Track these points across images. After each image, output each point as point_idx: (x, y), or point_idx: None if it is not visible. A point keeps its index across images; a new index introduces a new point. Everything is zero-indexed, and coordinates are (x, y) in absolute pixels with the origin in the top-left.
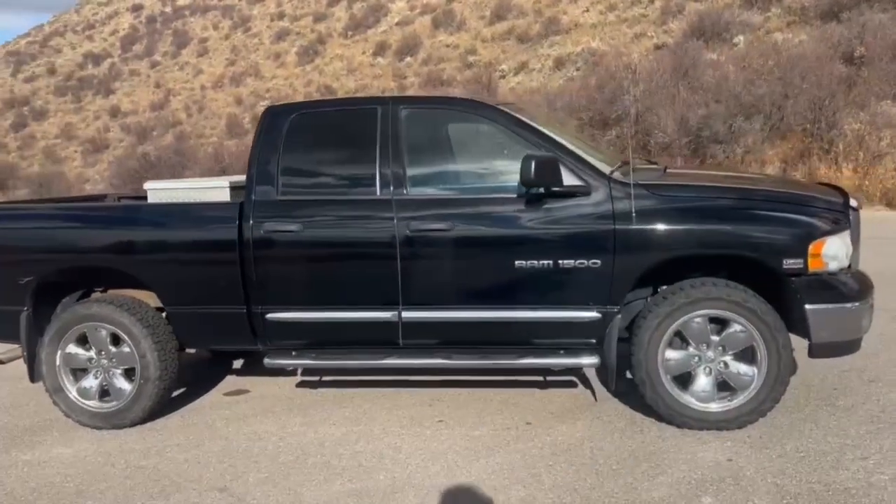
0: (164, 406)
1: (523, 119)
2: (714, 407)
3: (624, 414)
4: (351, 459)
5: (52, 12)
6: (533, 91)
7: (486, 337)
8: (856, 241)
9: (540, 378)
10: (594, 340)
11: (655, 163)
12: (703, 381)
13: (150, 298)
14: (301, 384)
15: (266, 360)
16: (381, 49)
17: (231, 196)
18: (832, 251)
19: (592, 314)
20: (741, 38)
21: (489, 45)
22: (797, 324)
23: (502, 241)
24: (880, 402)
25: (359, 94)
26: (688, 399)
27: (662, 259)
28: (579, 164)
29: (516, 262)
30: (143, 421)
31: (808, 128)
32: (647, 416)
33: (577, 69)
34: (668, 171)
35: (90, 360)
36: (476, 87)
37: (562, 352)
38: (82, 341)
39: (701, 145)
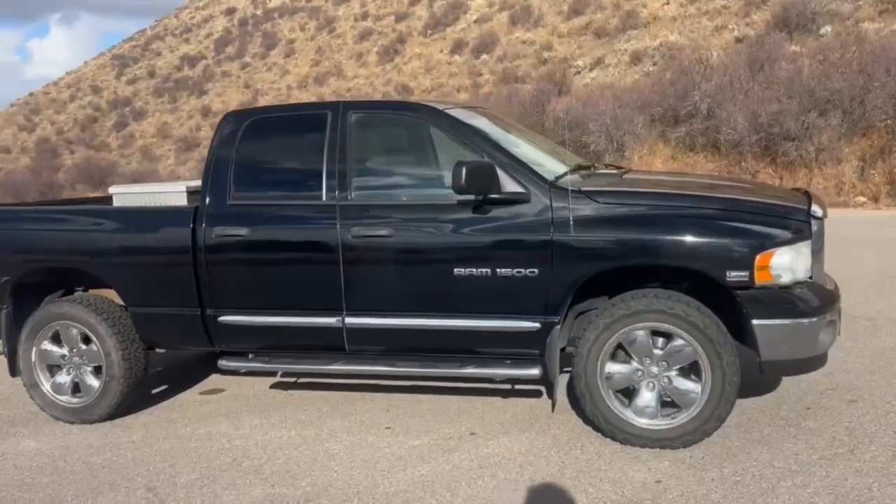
0: (133, 402)
1: (469, 124)
2: (656, 424)
3: (573, 427)
4: (284, 464)
5: (155, 17)
6: (605, 87)
7: (429, 345)
8: (818, 251)
9: (507, 387)
10: (537, 351)
11: (619, 167)
12: (646, 397)
13: (119, 299)
14: (275, 385)
15: (220, 362)
16: (458, 47)
17: (189, 201)
18: (784, 263)
19: (532, 324)
20: (828, 28)
21: (565, 41)
22: (749, 340)
23: (441, 248)
24: (850, 426)
25: (433, 93)
26: (629, 415)
27: (603, 269)
28: (519, 171)
29: (455, 270)
30: (111, 417)
31: (889, 123)
32: (597, 430)
33: (654, 64)
34: (625, 176)
35: (63, 356)
36: (548, 84)
37: (508, 362)
38: (56, 339)
39: (772, 143)
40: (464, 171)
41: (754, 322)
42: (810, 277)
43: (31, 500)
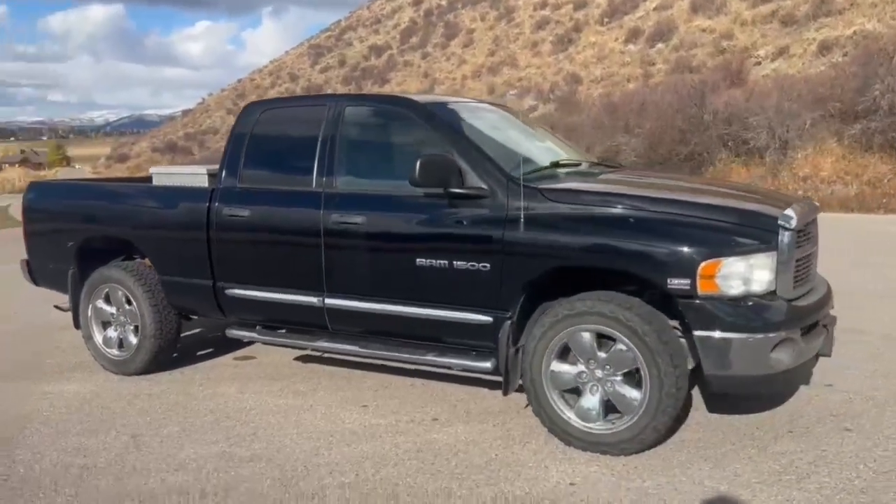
0: (167, 360)
1: (443, 118)
2: (596, 428)
3: (533, 424)
4: (252, 428)
5: (350, 9)
6: (783, 78)
7: (396, 330)
8: (786, 262)
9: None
10: (492, 344)
11: (611, 165)
12: (589, 400)
13: None
14: (300, 357)
15: (227, 331)
16: (633, 36)
17: (210, 183)
18: (734, 274)
19: (485, 318)
20: None
21: (748, 29)
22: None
23: (406, 238)
24: (822, 454)
25: (602, 83)
26: (570, 416)
27: (551, 267)
28: (481, 166)
29: (417, 260)
30: (145, 371)
31: None
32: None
33: (844, 54)
34: (604, 176)
35: (112, 315)
36: (721, 74)
37: (473, 353)
38: (107, 299)
39: None
40: (417, 164)
41: (695, 333)
42: (773, 291)
43: (44, 432)
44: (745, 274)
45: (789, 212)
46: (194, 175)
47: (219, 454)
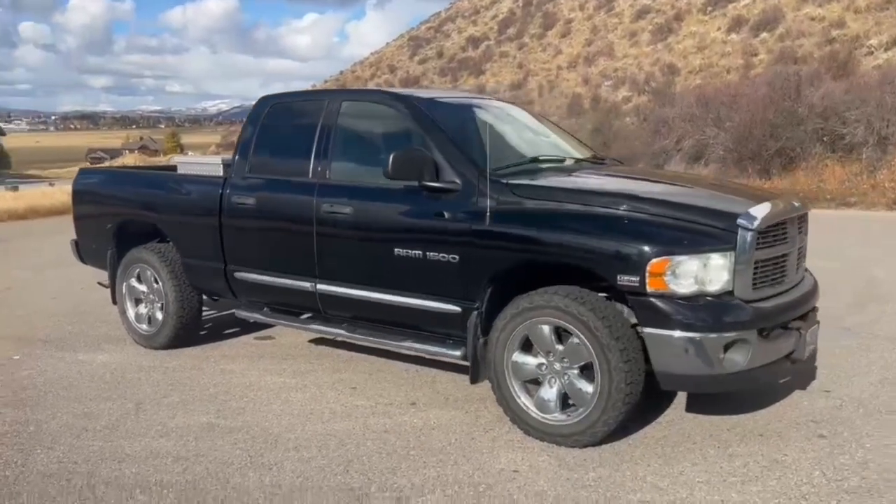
0: (193, 337)
1: (427, 113)
2: (552, 419)
3: (501, 413)
4: (243, 402)
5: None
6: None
7: (380, 316)
8: (745, 263)
9: None
10: (462, 333)
11: (601, 161)
12: (547, 391)
13: None
14: (315, 340)
15: (235, 311)
16: (736, 24)
17: (225, 172)
18: (684, 272)
19: (454, 308)
20: None
21: (861, 17)
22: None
23: (385, 228)
24: (766, 460)
25: (700, 73)
26: (530, 406)
27: (514, 261)
28: (455, 160)
29: (395, 250)
30: (169, 346)
31: None
32: None
33: None
34: (579, 172)
35: (143, 293)
36: (828, 64)
37: (450, 342)
38: (139, 278)
39: None
40: (390, 158)
41: (644, 330)
42: (730, 291)
43: (63, 396)
44: (698, 273)
45: (752, 211)
46: (212, 164)
47: (205, 424)
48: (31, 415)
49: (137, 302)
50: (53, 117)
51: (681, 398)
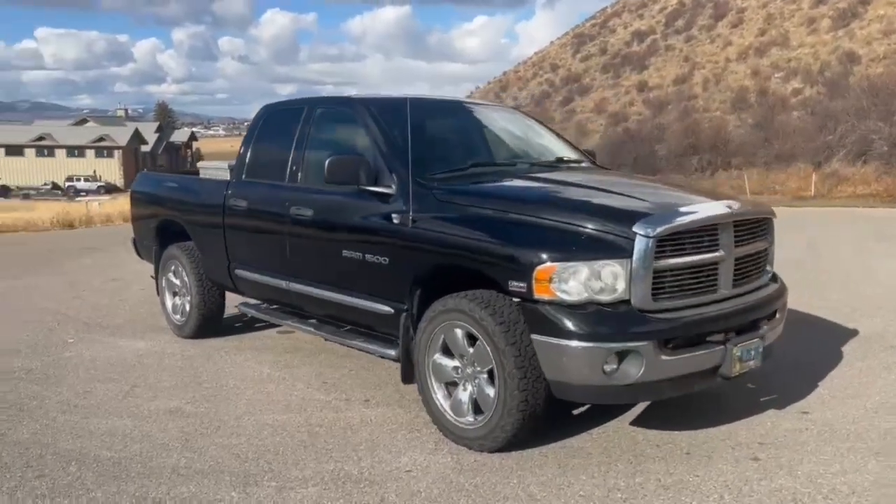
0: (214, 328)
1: (380, 118)
2: (462, 423)
3: None
4: (219, 391)
5: None
6: None
7: (339, 315)
8: (642, 271)
9: None
10: (397, 333)
11: (577, 163)
12: (462, 394)
13: None
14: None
15: (237, 305)
16: None
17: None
18: (571, 279)
19: (387, 308)
20: None
21: None
22: None
23: (336, 229)
24: (671, 479)
25: (883, 61)
26: (446, 408)
27: (430, 264)
28: (390, 166)
29: (343, 251)
30: (195, 336)
31: None
32: None
33: None
34: (525, 176)
35: (177, 286)
36: None
37: (393, 342)
38: (175, 273)
39: None
40: (326, 163)
41: (532, 336)
42: (626, 300)
43: (81, 376)
44: (588, 280)
45: (654, 217)
46: (222, 169)
47: (172, 409)
48: (44, 390)
49: (174, 294)
50: (246, 123)
51: (637, 409)
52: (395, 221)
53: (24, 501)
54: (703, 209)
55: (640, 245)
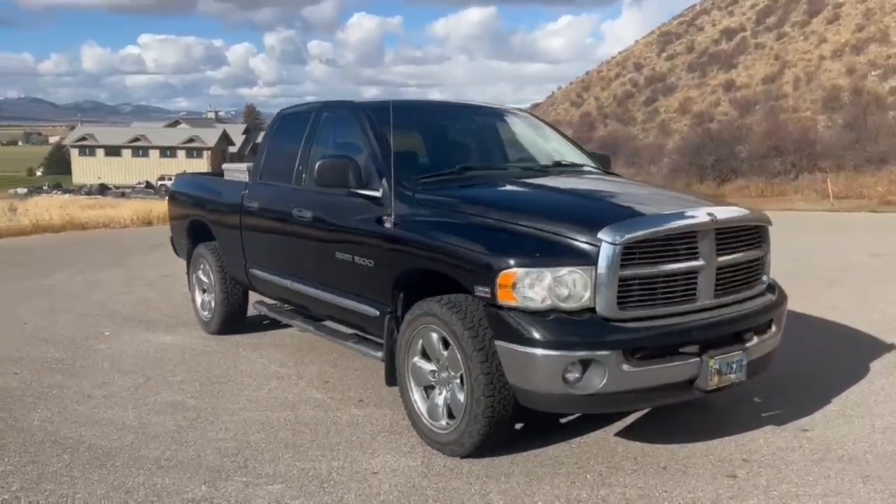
0: (237, 325)
1: (374, 122)
2: (436, 427)
3: None
4: (224, 386)
5: None
6: None
7: (336, 316)
8: (608, 278)
9: None
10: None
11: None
12: (437, 398)
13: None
14: None
15: (254, 304)
16: None
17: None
18: (533, 286)
19: (373, 310)
20: None
21: None
22: None
23: (330, 231)
24: (635, 493)
25: None
26: (423, 411)
27: (407, 268)
28: (377, 170)
29: (336, 253)
30: (220, 332)
31: None
32: None
33: None
34: (511, 180)
35: (206, 283)
36: None
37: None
38: (204, 271)
39: None
40: (316, 166)
41: (495, 342)
42: (591, 308)
43: (105, 368)
44: (552, 287)
45: (617, 225)
46: (242, 172)
47: (174, 402)
48: (66, 380)
49: (203, 291)
50: None
51: (629, 419)
52: (380, 224)
53: (13, 485)
54: (680, 217)
55: (605, 252)
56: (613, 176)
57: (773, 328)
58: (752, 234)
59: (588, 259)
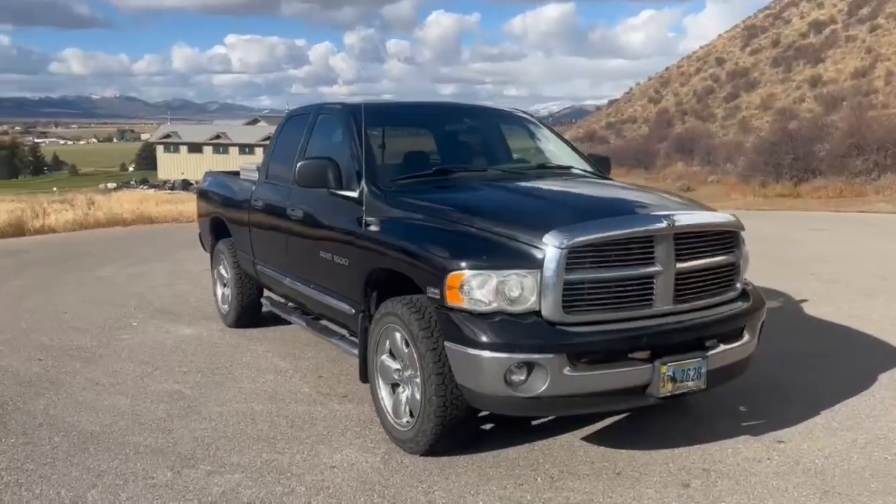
0: (255, 319)
1: (357, 123)
2: (397, 424)
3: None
4: (221, 377)
5: None
6: None
7: (325, 313)
8: (552, 282)
9: None
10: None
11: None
12: (401, 396)
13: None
14: None
15: (262, 299)
16: None
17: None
18: (480, 287)
19: (349, 308)
20: None
21: None
22: None
23: (315, 231)
24: (580, 497)
25: None
26: (388, 408)
27: (375, 268)
28: (354, 171)
29: (321, 252)
30: (236, 326)
31: None
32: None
33: None
34: (487, 182)
35: (226, 278)
36: None
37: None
38: (223, 265)
39: None
40: (297, 167)
41: (444, 343)
42: (537, 311)
43: (122, 356)
44: (498, 289)
45: (565, 228)
46: (254, 171)
47: (172, 391)
48: (82, 368)
49: (223, 286)
50: None
51: (603, 423)
52: (353, 225)
53: (1, 462)
54: (634, 222)
55: (550, 256)
56: (601, 179)
57: (746, 336)
58: (720, 240)
59: (533, 262)
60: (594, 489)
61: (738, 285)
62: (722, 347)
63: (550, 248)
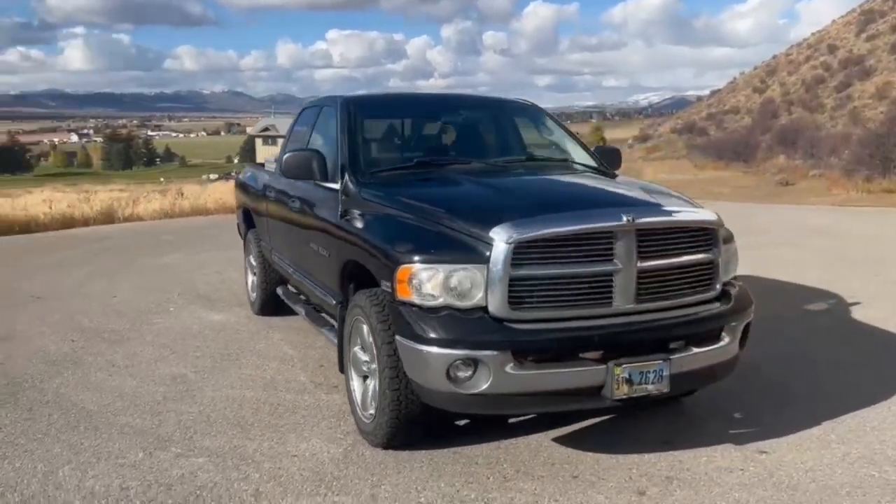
0: (278, 306)
1: (350, 115)
2: (363, 416)
3: None
4: (232, 363)
5: None
6: None
7: (321, 304)
8: (498, 278)
9: None
10: None
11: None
12: (369, 388)
13: None
14: None
15: (278, 289)
16: None
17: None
18: (428, 282)
19: (331, 299)
20: None
21: None
22: None
23: (305, 219)
24: (529, 498)
25: None
26: (357, 400)
27: (346, 260)
28: (336, 164)
29: (310, 243)
30: (261, 313)
31: None
32: None
33: None
34: (468, 175)
35: (255, 267)
36: None
37: None
38: (253, 254)
39: None
40: (282, 159)
41: (395, 337)
42: (484, 307)
43: (147, 340)
44: (445, 284)
45: (512, 223)
46: (273, 163)
47: (177, 375)
48: (107, 349)
49: (253, 274)
50: None
51: (583, 424)
52: (333, 216)
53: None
54: (590, 217)
55: (496, 251)
56: (592, 172)
57: (726, 339)
58: (694, 238)
59: (481, 257)
60: (543, 491)
61: (718, 285)
62: (693, 350)
63: (498, 243)
